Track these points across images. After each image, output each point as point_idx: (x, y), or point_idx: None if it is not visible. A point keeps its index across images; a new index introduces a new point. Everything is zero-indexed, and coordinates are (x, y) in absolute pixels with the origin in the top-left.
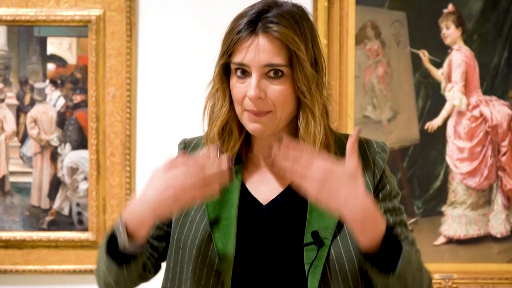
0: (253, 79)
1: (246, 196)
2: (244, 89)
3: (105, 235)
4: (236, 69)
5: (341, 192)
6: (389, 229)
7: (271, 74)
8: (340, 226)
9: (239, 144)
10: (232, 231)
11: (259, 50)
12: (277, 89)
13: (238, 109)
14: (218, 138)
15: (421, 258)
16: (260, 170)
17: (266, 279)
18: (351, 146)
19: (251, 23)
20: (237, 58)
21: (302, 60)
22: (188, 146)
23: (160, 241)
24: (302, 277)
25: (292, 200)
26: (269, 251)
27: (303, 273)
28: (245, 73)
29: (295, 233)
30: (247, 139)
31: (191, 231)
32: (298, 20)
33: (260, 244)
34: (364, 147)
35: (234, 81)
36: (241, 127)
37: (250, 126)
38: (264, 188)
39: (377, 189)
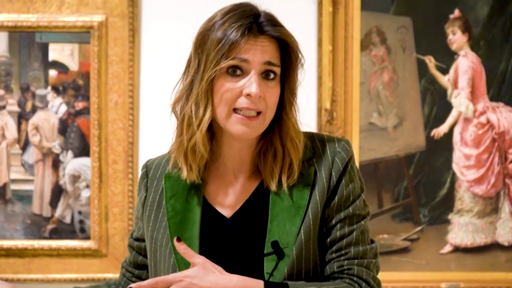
0: (254, 77)
1: (209, 211)
2: (237, 88)
3: None
4: (229, 68)
5: None
6: (268, 283)
7: (264, 75)
8: (300, 235)
9: (208, 153)
10: (195, 250)
11: (260, 49)
12: (271, 91)
13: (224, 111)
14: (202, 143)
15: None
16: (225, 180)
17: None
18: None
19: (249, 26)
20: (239, 55)
21: (298, 60)
22: (150, 168)
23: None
24: None
25: (255, 209)
26: (231, 263)
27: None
28: (237, 72)
29: (256, 243)
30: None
31: (161, 256)
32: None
33: (223, 257)
34: (324, 145)
35: (226, 83)
36: (209, 136)
37: (239, 128)
38: (229, 198)
39: (332, 194)
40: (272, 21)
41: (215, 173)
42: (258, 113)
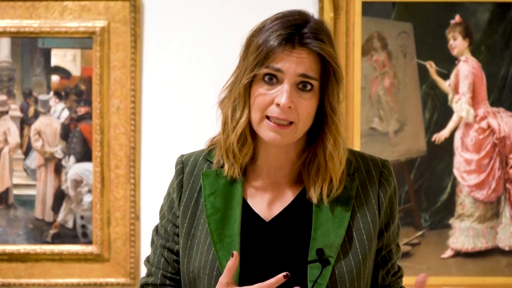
0: (286, 87)
1: (248, 212)
2: (270, 96)
3: None
4: (265, 76)
5: None
6: None
7: (301, 86)
8: (344, 245)
9: (251, 152)
10: (236, 248)
11: (296, 60)
12: (305, 103)
13: (257, 116)
14: (236, 145)
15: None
16: (263, 183)
17: None
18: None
19: (288, 36)
20: (273, 64)
21: (338, 76)
22: (186, 165)
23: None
24: None
25: (296, 216)
26: (273, 268)
27: None
28: (273, 80)
29: (299, 250)
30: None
31: (198, 252)
32: (331, 37)
33: (264, 260)
34: (367, 163)
35: (260, 88)
36: (253, 136)
37: (269, 134)
38: (267, 203)
39: (385, 216)
40: (316, 33)
41: (253, 175)
42: (291, 122)
